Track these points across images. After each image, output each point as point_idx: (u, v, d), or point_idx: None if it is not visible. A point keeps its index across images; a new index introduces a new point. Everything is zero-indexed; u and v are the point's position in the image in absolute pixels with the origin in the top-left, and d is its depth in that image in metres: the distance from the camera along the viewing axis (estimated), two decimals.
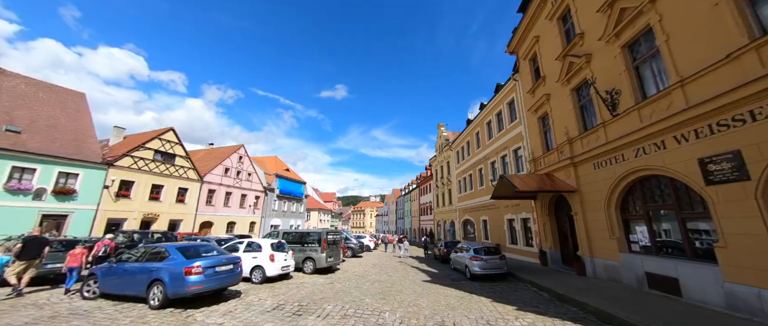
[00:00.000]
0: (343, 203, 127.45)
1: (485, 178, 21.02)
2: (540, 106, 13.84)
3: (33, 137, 17.88)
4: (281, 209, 38.00)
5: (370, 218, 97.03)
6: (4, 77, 19.39)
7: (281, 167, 41.45)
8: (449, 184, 30.00)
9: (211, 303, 6.76)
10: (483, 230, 21.27)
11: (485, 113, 21.40)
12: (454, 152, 29.11)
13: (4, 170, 15.93)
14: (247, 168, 32.91)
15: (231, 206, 30.19)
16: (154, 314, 5.85)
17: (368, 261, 17.05)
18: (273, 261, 9.47)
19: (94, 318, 5.51)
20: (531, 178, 12.44)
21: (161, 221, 23.32)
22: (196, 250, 6.96)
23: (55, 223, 17.66)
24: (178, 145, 25.40)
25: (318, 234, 12.10)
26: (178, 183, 24.95)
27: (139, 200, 21.98)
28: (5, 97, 18.48)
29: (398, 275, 12.55)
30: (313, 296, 8.05)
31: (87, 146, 20.28)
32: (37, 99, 20.03)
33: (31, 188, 16.75)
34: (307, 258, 11.74)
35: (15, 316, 5.40)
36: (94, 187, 19.50)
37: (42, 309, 5.95)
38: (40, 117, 19.19)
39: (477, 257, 11.69)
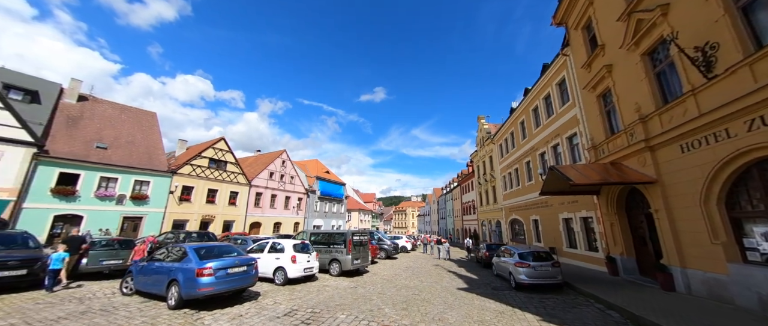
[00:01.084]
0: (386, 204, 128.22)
1: (534, 172, 18.48)
2: (599, 81, 11.41)
3: (116, 151, 21.15)
4: (322, 210, 39.31)
5: (411, 218, 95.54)
6: (96, 104, 23.42)
7: (321, 169, 42.99)
8: (493, 180, 27.44)
9: (225, 305, 6.69)
10: (533, 231, 18.71)
11: (531, 98, 18.85)
12: (497, 145, 26.51)
13: (95, 180, 19.05)
14: (290, 171, 34.73)
15: (276, 208, 32.12)
16: (167, 314, 5.92)
17: (402, 264, 16.18)
18: (295, 263, 9.27)
19: (115, 316, 5.76)
20: (591, 169, 10.22)
21: (217, 222, 25.77)
22: (213, 251, 6.99)
23: (69, 227, 19.26)
24: (229, 152, 27.86)
25: (343, 235, 11.69)
26: (230, 187, 27.33)
27: (198, 203, 24.58)
28: (97, 120, 22.25)
29: (430, 280, 11.44)
30: (330, 301, 7.53)
31: (156, 157, 23.37)
32: (120, 120, 23.74)
33: (114, 194, 19.78)
34: (333, 259, 11.40)
35: (54, 310, 5.95)
36: (162, 192, 22.32)
37: (82, 303, 6.53)
38: (122, 135, 22.66)
39: (523, 263, 9.98)
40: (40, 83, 20.91)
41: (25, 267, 7.19)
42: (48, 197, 17.24)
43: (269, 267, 9.37)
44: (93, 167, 19.12)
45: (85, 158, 19.00)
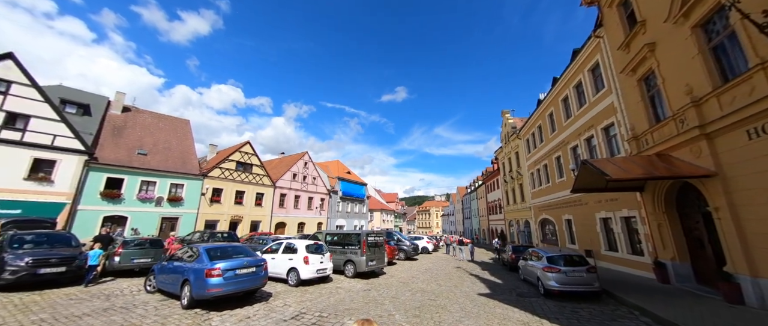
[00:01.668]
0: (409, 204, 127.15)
1: (565, 168, 16.99)
2: (640, 62, 10.07)
3: (154, 157, 22.88)
4: (345, 210, 39.70)
5: (435, 218, 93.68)
6: (137, 114, 25.56)
7: (343, 170, 43.48)
8: (519, 178, 25.81)
9: (236, 306, 6.73)
10: (566, 232, 17.20)
11: (559, 87, 17.35)
12: (523, 140, 24.89)
13: (136, 184, 20.73)
14: (312, 173, 35.48)
15: (300, 209, 32.95)
16: (179, 314, 6.05)
17: (421, 266, 15.63)
18: (307, 264, 9.19)
19: (132, 314, 5.99)
20: (632, 162, 9.01)
21: (245, 222, 26.96)
22: (223, 252, 7.08)
23: (115, 226, 20.52)
24: (254, 156, 29.07)
25: (358, 235, 11.46)
26: (256, 189, 28.47)
27: (227, 204, 25.87)
28: (138, 128, 24.26)
29: (450, 284, 10.82)
30: (340, 305, 7.30)
31: (190, 162, 24.96)
32: (158, 128, 25.69)
33: (153, 197, 21.39)
34: (347, 260, 11.22)
35: (81, 306, 6.34)
36: (195, 194, 23.77)
37: (108, 300, 6.92)
38: (159, 141, 24.48)
39: (552, 267, 9.06)
40: (90, 97, 23.26)
41: (64, 265, 7.83)
42: (98, 200, 19.02)
43: (283, 267, 9.40)
44: (135, 171, 20.82)
45: (128, 163, 20.74)
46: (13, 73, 16.67)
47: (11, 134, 16.12)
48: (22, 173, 16.07)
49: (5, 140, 15.88)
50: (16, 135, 16.26)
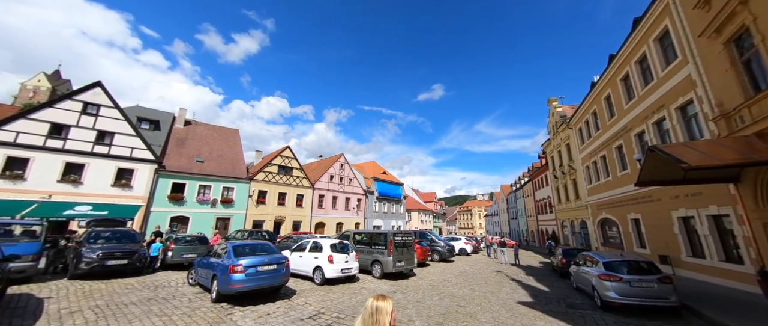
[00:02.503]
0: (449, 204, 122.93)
1: (628, 158, 14.46)
2: (727, 20, 7.98)
3: (210, 164, 25.60)
4: (381, 210, 39.80)
5: (478, 218, 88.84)
6: (196, 126, 28.92)
7: (378, 170, 43.71)
8: (572, 173, 22.88)
9: (259, 302, 6.91)
10: (634, 233, 14.59)
11: (617, 65, 14.86)
12: (575, 130, 22.00)
13: (195, 188, 23.38)
14: (348, 174, 36.30)
15: (338, 209, 33.93)
16: (207, 307, 6.39)
17: (455, 268, 14.66)
18: (332, 263, 9.15)
19: (169, 304, 6.53)
20: (720, 145, 7.13)
21: (287, 222, 28.65)
22: (249, 249, 7.36)
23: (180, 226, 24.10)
24: (294, 159, 30.78)
25: (384, 235, 11.12)
26: (296, 191, 30.09)
27: (271, 205, 27.77)
28: (197, 139, 27.41)
29: (485, 289, 9.85)
30: (360, 307, 7.04)
31: (238, 167, 27.40)
32: (212, 137, 28.74)
33: (209, 199, 23.90)
34: (374, 260, 10.95)
35: (131, 295, 7.15)
36: (243, 197, 25.98)
37: (154, 290, 7.71)
38: (213, 150, 27.34)
39: (610, 275, 7.62)
40: (160, 114, 27.03)
41: (126, 258, 9.01)
42: (166, 203, 21.88)
43: (310, 265, 9.52)
44: (194, 177, 23.50)
45: (189, 170, 23.51)
46: (101, 98, 20.09)
47: (101, 149, 19.41)
48: (109, 181, 19.24)
49: (97, 153, 19.18)
50: (104, 149, 19.54)
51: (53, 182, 17.47)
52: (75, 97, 19.28)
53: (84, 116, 19.19)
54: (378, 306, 1.88)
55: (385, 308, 1.87)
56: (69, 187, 17.90)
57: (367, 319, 1.87)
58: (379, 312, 1.85)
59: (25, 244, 7.78)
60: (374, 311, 1.86)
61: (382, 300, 1.89)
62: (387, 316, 1.87)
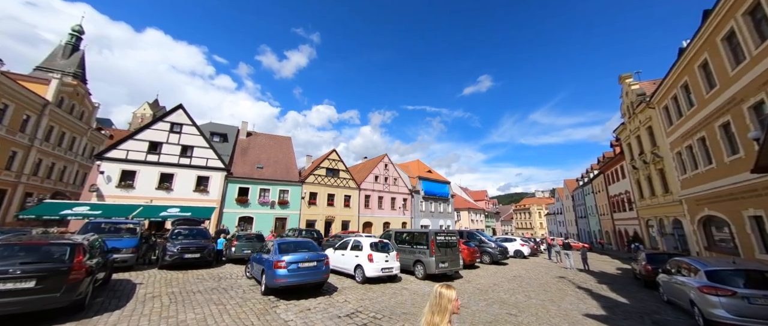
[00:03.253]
0: (503, 202, 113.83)
1: (739, 138, 11.29)
2: None
3: (268, 169, 28.37)
4: (428, 209, 38.93)
5: (538, 217, 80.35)
6: (256, 137, 32.40)
7: (423, 169, 42.89)
8: (657, 161, 18.96)
9: (301, 297, 7.22)
10: (754, 235, 11.29)
11: (717, 21, 11.75)
12: (659, 109, 18.20)
13: (257, 191, 26.14)
14: (393, 174, 36.42)
15: (384, 209, 34.30)
16: (256, 299, 6.93)
17: (509, 272, 13.32)
18: (371, 262, 9.12)
19: (227, 294, 7.30)
20: None
21: (337, 222, 30.03)
22: (292, 246, 7.78)
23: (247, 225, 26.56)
24: (340, 162, 32.16)
25: (426, 235, 10.68)
26: (344, 192, 31.35)
27: (322, 206, 29.46)
28: (257, 148, 30.67)
29: (544, 297, 8.68)
30: (398, 308, 6.83)
31: (292, 171, 29.79)
32: (269, 145, 31.83)
33: (268, 201, 26.47)
34: (416, 260, 10.59)
35: (199, 284, 8.23)
36: (297, 198, 28.12)
37: (218, 281, 8.71)
38: (270, 156, 30.24)
39: (717, 287, 5.97)
40: (227, 128, 31.03)
41: (198, 252, 10.46)
42: (234, 205, 24.91)
43: (351, 264, 9.67)
44: (256, 182, 26.29)
45: (251, 175, 26.40)
46: (182, 118, 23.92)
47: (185, 160, 23.08)
48: (191, 187, 22.75)
49: (182, 164, 22.86)
50: (187, 161, 23.18)
51: (152, 189, 21.39)
52: (164, 119, 23.35)
53: (172, 134, 23.09)
54: (442, 291, 2.19)
55: (449, 295, 2.16)
56: (163, 193, 21.69)
57: (433, 302, 2.19)
58: (442, 297, 2.16)
59: (127, 239, 9.64)
60: (438, 295, 2.18)
61: (447, 288, 2.21)
62: (450, 303, 2.15)
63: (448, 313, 2.12)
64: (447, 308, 2.12)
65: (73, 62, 35.88)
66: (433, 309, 2.14)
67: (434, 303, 2.16)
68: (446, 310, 2.12)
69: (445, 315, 2.12)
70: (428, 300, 2.23)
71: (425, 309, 2.23)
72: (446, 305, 2.13)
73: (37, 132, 22.42)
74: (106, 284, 7.36)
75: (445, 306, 2.13)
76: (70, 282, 4.98)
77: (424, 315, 2.21)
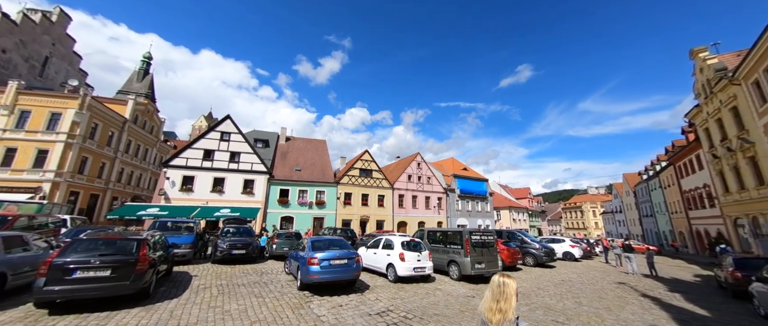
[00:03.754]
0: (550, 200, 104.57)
1: None
2: None
3: (305, 171, 29.87)
4: (465, 208, 37.49)
5: (592, 216, 72.34)
6: (294, 141, 34.33)
7: (458, 167, 41.43)
8: (747, 148, 15.78)
9: (334, 293, 7.38)
10: None
11: None
12: (746, 85, 15.15)
13: (296, 192, 27.67)
14: (426, 172, 35.81)
15: (418, 208, 33.87)
16: (293, 294, 7.26)
17: (556, 275, 12.12)
18: (403, 261, 8.98)
19: (266, 288, 7.78)
20: None
21: (371, 221, 30.43)
22: (324, 244, 8.02)
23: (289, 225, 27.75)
24: (372, 162, 32.57)
25: (460, 234, 10.21)
26: (377, 191, 31.66)
27: (356, 205, 30.10)
28: (295, 152, 32.48)
29: (599, 305, 7.71)
30: (430, 309, 6.61)
31: (327, 173, 30.96)
32: (306, 149, 33.50)
33: (306, 202, 27.84)
34: (451, 261, 10.17)
35: (243, 278, 8.90)
36: (332, 199, 29.13)
37: (260, 275, 9.35)
38: (307, 159, 31.79)
39: None
40: (268, 135, 33.39)
41: (244, 248, 11.39)
42: (277, 206, 26.67)
43: (383, 262, 9.65)
44: (295, 183, 27.85)
45: (290, 178, 28.03)
46: (230, 127, 26.33)
47: (233, 166, 25.36)
48: (239, 190, 24.90)
49: (231, 169, 25.15)
50: (235, 166, 25.44)
51: (207, 192, 23.88)
52: (215, 129, 25.95)
53: (222, 142, 25.57)
54: (506, 281, 2.22)
55: (511, 285, 2.21)
56: (216, 195, 24.08)
57: (496, 291, 2.21)
58: (507, 286, 2.19)
59: (185, 236, 10.89)
60: (502, 284, 2.21)
61: (508, 278, 2.25)
62: (513, 292, 2.19)
63: (513, 301, 2.17)
64: (512, 296, 2.17)
65: (145, 84, 41.77)
66: (497, 297, 2.18)
67: (498, 291, 2.19)
68: (511, 298, 2.16)
69: (511, 302, 2.16)
70: (489, 289, 2.28)
71: (486, 298, 2.27)
72: (511, 293, 2.18)
73: (119, 145, 26.48)
74: (168, 275, 8.37)
75: (510, 294, 2.17)
76: (137, 272, 5.73)
77: (485, 303, 2.26)
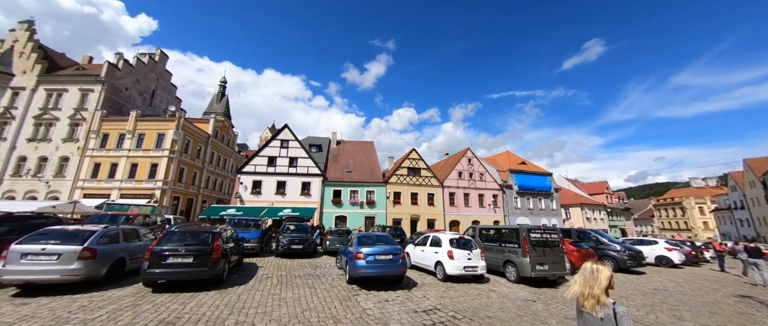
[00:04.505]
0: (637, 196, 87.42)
1: None
2: None
3: (355, 172, 31.11)
4: (525, 206, 34.15)
5: (698, 213, 58.10)
6: (344, 144, 36.10)
7: (515, 161, 37.98)
8: None
9: (381, 288, 7.41)
10: None
11: None
12: None
13: (348, 193, 28.99)
14: (478, 169, 33.78)
15: (471, 206, 32.13)
16: (341, 287, 7.53)
17: (646, 282, 10.00)
18: (452, 259, 8.54)
19: (318, 280, 8.24)
20: None
21: (422, 220, 30.01)
22: (371, 240, 8.15)
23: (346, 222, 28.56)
24: (420, 160, 32.13)
25: (516, 232, 9.24)
26: (427, 190, 31.09)
27: (406, 205, 30.06)
28: (345, 154, 34.13)
29: (709, 321, 6.12)
30: (482, 310, 6.13)
31: (376, 173, 31.69)
32: (355, 151, 34.89)
33: (358, 201, 28.94)
34: (507, 261, 9.28)
35: (300, 270, 9.61)
36: (382, 198, 29.66)
37: (315, 269, 9.98)
38: (357, 161, 33.07)
39: None
40: (321, 140, 35.79)
41: (301, 244, 12.36)
42: (331, 206, 28.37)
43: (431, 260, 9.36)
44: (346, 184, 29.24)
45: (342, 179, 29.53)
46: (288, 134, 29.04)
47: (292, 170, 27.89)
48: (298, 191, 27.25)
49: (291, 173, 27.71)
50: (294, 170, 27.95)
51: (272, 194, 26.74)
52: (276, 137, 28.94)
53: (282, 149, 28.40)
54: (599, 267, 2.16)
55: (604, 271, 2.13)
56: (280, 197, 26.79)
57: (588, 277, 2.17)
58: (600, 272, 2.12)
59: (252, 232, 12.39)
60: (595, 271, 2.15)
61: (601, 264, 2.20)
62: (606, 278, 2.10)
63: (606, 288, 2.08)
64: (605, 284, 2.08)
65: (222, 105, 49.02)
66: (590, 283, 2.13)
67: (590, 278, 2.14)
68: (604, 285, 2.08)
69: (607, 290, 2.09)
70: (580, 275, 2.22)
71: (577, 282, 2.22)
72: (604, 281, 2.09)
73: (205, 157, 31.63)
74: (239, 265, 9.60)
75: (603, 281, 2.09)
76: (213, 260, 6.71)
77: (575, 287, 2.22)
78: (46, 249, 5.89)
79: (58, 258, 5.86)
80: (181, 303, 5.76)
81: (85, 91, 27.91)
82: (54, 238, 6.16)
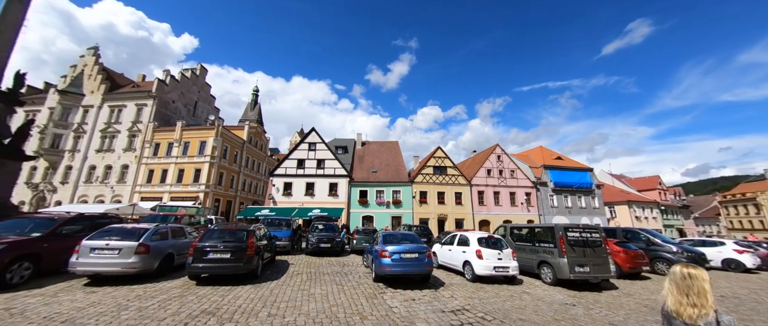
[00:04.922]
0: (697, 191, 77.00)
1: None
2: None
3: (381, 172, 31.30)
4: (563, 204, 31.89)
5: None
6: (369, 145, 36.49)
7: (549, 156, 35.62)
8: None
9: (407, 287, 7.34)
10: None
11: None
12: None
13: (373, 193, 29.25)
14: (508, 166, 32.23)
15: (502, 205, 30.74)
16: (367, 285, 7.58)
17: (712, 289, 8.79)
18: (481, 258, 8.20)
19: (347, 277, 8.41)
20: None
21: (449, 220, 29.31)
22: (396, 238, 8.11)
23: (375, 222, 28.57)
24: (446, 158, 31.42)
25: (552, 230, 8.63)
26: (454, 189, 30.33)
27: (432, 204, 29.58)
28: (370, 155, 34.48)
29: None
30: (514, 313, 5.81)
31: (401, 173, 31.60)
32: (380, 151, 35.11)
33: (384, 201, 29.06)
34: (541, 262, 8.69)
35: (328, 268, 9.87)
36: (408, 198, 29.49)
37: (342, 266, 10.21)
38: (382, 161, 33.25)
39: None
40: (347, 141, 36.52)
41: (329, 243, 12.71)
42: (357, 206, 28.81)
43: (459, 260, 9.09)
44: (372, 184, 29.52)
45: (367, 180, 29.87)
46: (316, 137, 30.03)
47: (320, 171, 28.79)
48: (326, 192, 28.07)
49: (318, 175, 28.63)
50: (321, 172, 28.84)
51: (302, 195, 27.82)
52: (304, 140, 30.10)
53: (310, 152, 29.46)
54: (691, 272, 1.90)
55: (699, 275, 1.87)
56: (309, 198, 27.80)
57: (681, 285, 1.90)
58: (694, 278, 1.87)
59: (284, 231, 12.99)
60: (687, 276, 1.89)
61: (694, 269, 1.92)
62: (706, 283, 1.86)
63: (709, 294, 1.83)
64: (705, 289, 1.84)
65: (256, 112, 52.13)
66: (685, 291, 1.86)
67: (682, 285, 1.88)
68: (706, 292, 1.83)
69: (707, 296, 1.83)
70: (671, 283, 1.95)
71: (670, 291, 1.95)
72: (703, 285, 1.85)
73: (241, 162, 33.84)
74: (272, 262, 10.12)
75: (701, 285, 1.84)
76: (247, 257, 7.14)
77: (670, 297, 1.94)
78: (110, 244, 6.69)
79: (118, 253, 6.63)
80: (221, 295, 6.20)
81: (139, 105, 31.34)
82: (115, 235, 6.98)
